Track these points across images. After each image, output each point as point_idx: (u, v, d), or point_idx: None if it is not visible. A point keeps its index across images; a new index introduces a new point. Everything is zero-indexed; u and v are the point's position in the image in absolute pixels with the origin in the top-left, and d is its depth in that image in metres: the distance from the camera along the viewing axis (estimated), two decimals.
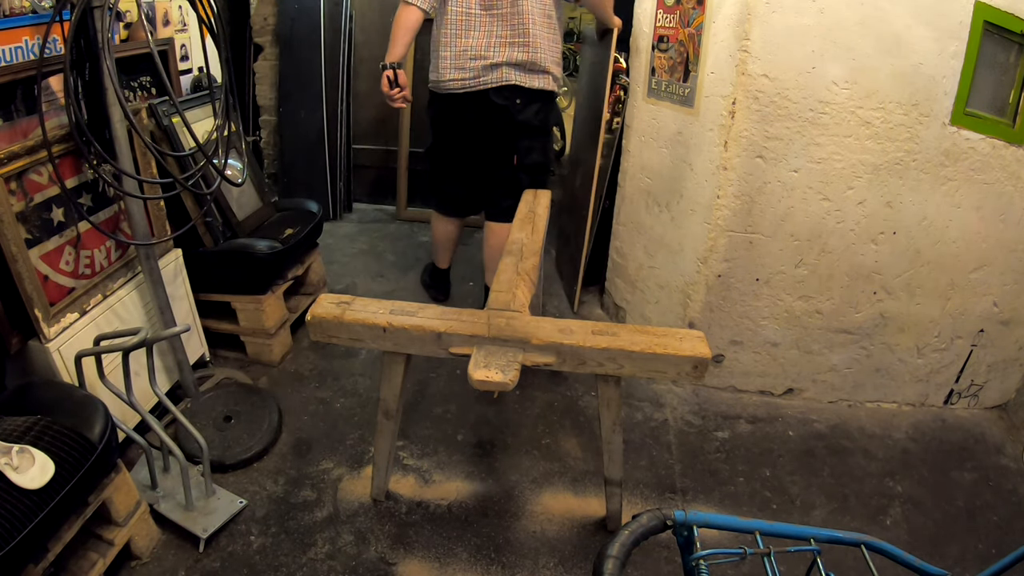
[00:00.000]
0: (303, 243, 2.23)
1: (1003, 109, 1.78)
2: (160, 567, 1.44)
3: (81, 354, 1.44)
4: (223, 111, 1.77)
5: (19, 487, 1.09)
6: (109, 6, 1.40)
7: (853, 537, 0.77)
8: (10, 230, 1.37)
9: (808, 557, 0.75)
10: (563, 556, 1.53)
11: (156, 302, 1.75)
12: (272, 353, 2.15)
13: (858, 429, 2.02)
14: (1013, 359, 2.10)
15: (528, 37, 1.97)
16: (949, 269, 1.93)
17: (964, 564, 1.57)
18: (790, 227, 1.87)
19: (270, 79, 3.27)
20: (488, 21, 1.99)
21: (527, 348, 1.23)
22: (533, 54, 1.98)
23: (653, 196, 2.18)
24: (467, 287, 2.78)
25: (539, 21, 1.97)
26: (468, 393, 2.03)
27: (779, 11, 1.64)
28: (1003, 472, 1.90)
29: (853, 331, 2.02)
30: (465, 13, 1.98)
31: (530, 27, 1.96)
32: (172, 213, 1.89)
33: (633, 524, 0.72)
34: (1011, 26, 1.67)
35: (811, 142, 1.76)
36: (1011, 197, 1.84)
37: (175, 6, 2.04)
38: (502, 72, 2.00)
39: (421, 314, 1.30)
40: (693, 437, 1.94)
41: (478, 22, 1.99)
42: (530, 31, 1.96)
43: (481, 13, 1.98)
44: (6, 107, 1.45)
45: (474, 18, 1.99)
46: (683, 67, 1.93)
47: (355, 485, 1.70)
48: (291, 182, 3.32)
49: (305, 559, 1.48)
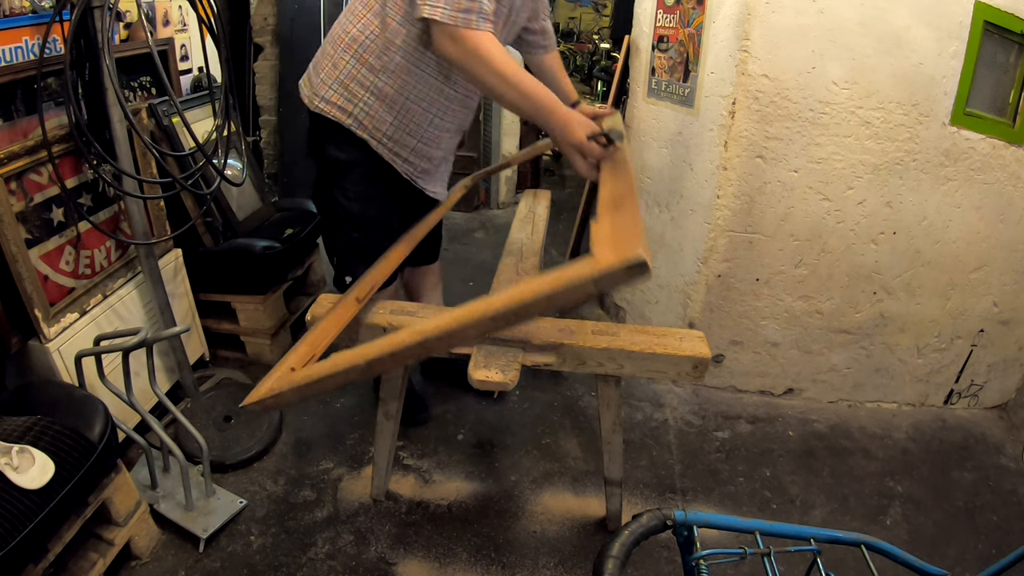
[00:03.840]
0: (303, 243, 2.23)
1: (1003, 109, 1.78)
2: (160, 567, 1.44)
3: (81, 354, 1.44)
4: (223, 111, 1.77)
5: (19, 487, 1.09)
6: (109, 6, 1.40)
7: (853, 537, 0.77)
8: (10, 230, 1.37)
9: (808, 557, 0.75)
10: (563, 556, 1.53)
11: (156, 302, 1.75)
12: (272, 353, 2.15)
13: (858, 429, 2.02)
14: (1013, 359, 2.10)
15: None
16: (949, 269, 1.93)
17: (964, 564, 1.57)
18: (790, 227, 1.87)
19: (270, 79, 3.27)
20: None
21: (527, 348, 1.23)
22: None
23: (653, 196, 2.18)
24: (467, 287, 2.78)
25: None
26: (468, 393, 2.03)
27: (779, 11, 1.64)
28: (1003, 472, 1.90)
29: (853, 331, 2.02)
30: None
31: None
32: (172, 213, 1.89)
33: (633, 524, 0.72)
34: (1011, 26, 1.67)
35: (811, 142, 1.76)
36: (1011, 197, 1.84)
37: (175, 6, 2.04)
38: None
39: (421, 314, 1.30)
40: (693, 437, 1.94)
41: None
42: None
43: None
44: (6, 107, 1.45)
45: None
46: (683, 67, 1.93)
47: (355, 485, 1.70)
48: (291, 182, 3.32)
49: (305, 559, 1.48)
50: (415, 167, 1.53)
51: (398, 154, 1.49)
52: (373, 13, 1.37)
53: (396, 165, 1.50)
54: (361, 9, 1.40)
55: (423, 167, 1.56)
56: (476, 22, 1.22)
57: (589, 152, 1.29)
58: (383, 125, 1.45)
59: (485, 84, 1.27)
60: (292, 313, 2.26)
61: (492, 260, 2.25)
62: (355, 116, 1.44)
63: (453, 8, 1.20)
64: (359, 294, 1.23)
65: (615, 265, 0.72)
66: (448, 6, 1.20)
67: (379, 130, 1.45)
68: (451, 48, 1.24)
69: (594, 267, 0.75)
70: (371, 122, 1.44)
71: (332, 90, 1.44)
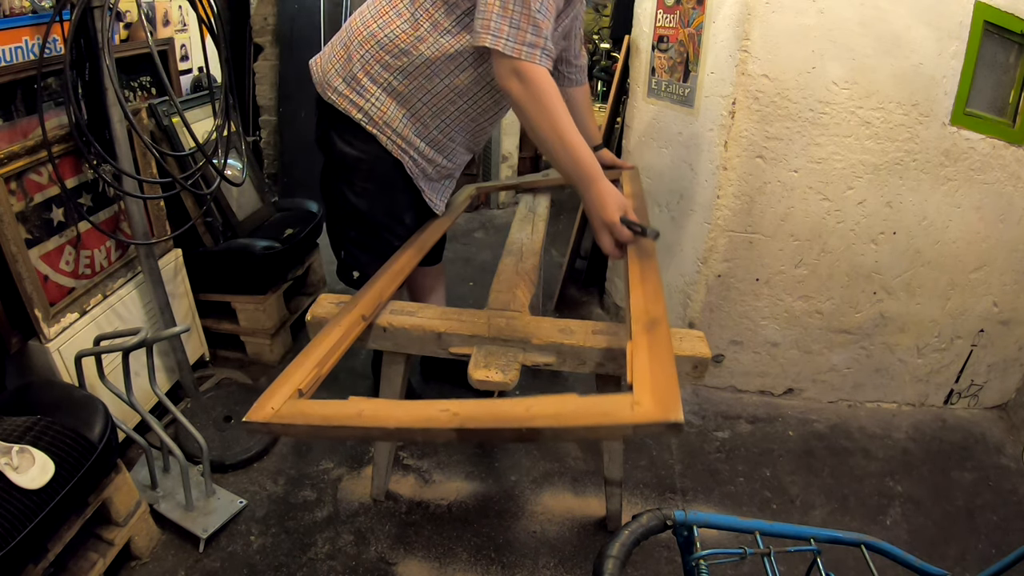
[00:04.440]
0: (303, 243, 2.23)
1: (1003, 109, 1.78)
2: (160, 567, 1.44)
3: (81, 354, 1.44)
4: (223, 111, 1.77)
5: (19, 487, 1.09)
6: (109, 6, 1.40)
7: (853, 537, 0.77)
8: (10, 230, 1.37)
9: (808, 557, 0.75)
10: (563, 556, 1.53)
11: (156, 302, 1.75)
12: (272, 353, 2.15)
13: (858, 429, 2.02)
14: (1013, 359, 2.10)
15: None
16: (949, 269, 1.93)
17: (964, 564, 1.57)
18: (790, 227, 1.87)
19: (270, 79, 3.27)
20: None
21: (527, 348, 1.23)
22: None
23: (653, 196, 2.18)
24: (467, 287, 2.78)
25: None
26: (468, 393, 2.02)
27: (779, 11, 1.64)
28: (1003, 472, 1.90)
29: (853, 331, 2.02)
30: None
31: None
32: (172, 213, 1.89)
33: (633, 524, 0.72)
34: (1011, 26, 1.67)
35: (811, 142, 1.76)
36: (1011, 197, 1.84)
37: (175, 6, 2.04)
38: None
39: (421, 314, 1.30)
40: (693, 437, 1.94)
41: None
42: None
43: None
44: (6, 107, 1.45)
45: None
46: (683, 67, 1.93)
47: (355, 485, 1.70)
48: (291, 182, 3.32)
49: (305, 559, 1.48)
50: (419, 167, 1.52)
51: (406, 151, 1.48)
52: (396, 12, 1.36)
53: (404, 162, 1.50)
54: (384, 6, 1.38)
55: (427, 172, 1.55)
56: (540, 57, 1.19)
57: (619, 234, 1.26)
58: (393, 122, 1.44)
59: (536, 128, 1.24)
60: (292, 313, 2.26)
61: (492, 260, 2.26)
62: (365, 111, 1.42)
63: (517, 41, 1.16)
64: (365, 311, 1.20)
65: (657, 419, 0.73)
66: (512, 39, 1.16)
67: (389, 127, 1.44)
68: (515, 85, 1.21)
69: (637, 416, 0.75)
70: (381, 118, 1.43)
71: (344, 83, 1.42)
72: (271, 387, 0.96)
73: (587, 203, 1.29)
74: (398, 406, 0.89)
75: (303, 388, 0.96)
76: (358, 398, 0.90)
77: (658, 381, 0.81)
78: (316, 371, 0.99)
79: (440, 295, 1.99)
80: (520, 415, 0.79)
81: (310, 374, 0.98)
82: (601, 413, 0.76)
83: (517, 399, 0.83)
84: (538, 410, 0.79)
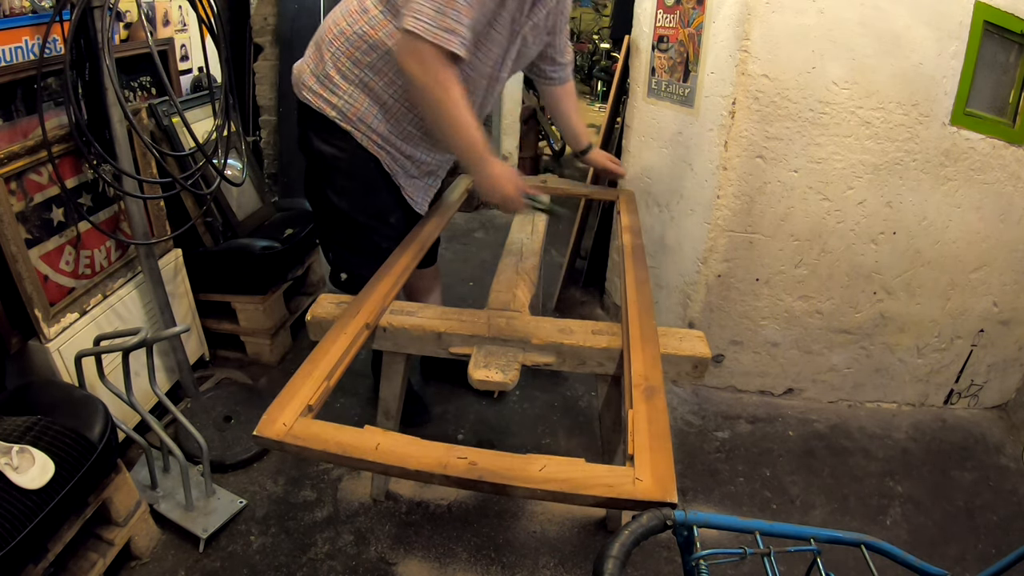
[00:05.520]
0: (303, 243, 2.23)
1: (1003, 109, 1.78)
2: (160, 567, 1.44)
3: (81, 354, 1.44)
4: (223, 111, 1.77)
5: (19, 487, 1.09)
6: (109, 6, 1.40)
7: (853, 537, 0.77)
8: (10, 230, 1.37)
9: (808, 557, 0.75)
10: (563, 556, 1.53)
11: (156, 302, 1.75)
12: (272, 353, 2.15)
13: (858, 429, 2.02)
14: (1013, 359, 2.10)
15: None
16: (949, 269, 1.93)
17: (964, 564, 1.57)
18: (790, 227, 1.87)
19: (270, 79, 3.27)
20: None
21: (527, 348, 1.23)
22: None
23: (653, 196, 2.18)
24: (467, 287, 2.78)
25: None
26: (468, 393, 2.03)
27: (779, 11, 1.64)
28: (1003, 472, 1.90)
29: (853, 331, 2.02)
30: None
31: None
32: (172, 213, 1.89)
33: (633, 524, 0.72)
34: (1011, 26, 1.67)
35: (811, 142, 1.76)
36: (1011, 197, 1.84)
37: (175, 6, 2.04)
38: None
39: (421, 314, 1.30)
40: (693, 437, 1.94)
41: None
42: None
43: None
44: (6, 107, 1.45)
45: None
46: (683, 67, 1.93)
47: (355, 485, 1.70)
48: (291, 182, 3.32)
49: (305, 559, 1.48)
50: (397, 162, 1.51)
51: (382, 147, 1.48)
52: (363, 9, 1.36)
53: (381, 158, 1.49)
54: (353, 4, 1.39)
55: (406, 168, 1.53)
56: (456, 44, 1.19)
57: (515, 206, 1.35)
58: (367, 118, 1.43)
59: (435, 109, 1.25)
60: (292, 313, 2.26)
61: (492, 260, 2.25)
62: (339, 108, 1.43)
63: (436, 25, 1.17)
64: (368, 319, 1.20)
65: (655, 499, 0.82)
66: (432, 22, 1.17)
67: (363, 122, 1.44)
68: (416, 66, 1.21)
69: (638, 492, 0.84)
70: (355, 114, 1.43)
71: (317, 81, 1.43)
72: (279, 398, 0.95)
73: (480, 182, 1.33)
74: (414, 444, 0.91)
75: (312, 403, 0.95)
76: (373, 428, 0.92)
77: (657, 461, 0.92)
78: (324, 384, 0.99)
79: (436, 297, 1.99)
80: (534, 476, 0.86)
81: (319, 388, 0.98)
82: (606, 485, 0.85)
83: (531, 456, 0.89)
84: (550, 473, 0.87)
